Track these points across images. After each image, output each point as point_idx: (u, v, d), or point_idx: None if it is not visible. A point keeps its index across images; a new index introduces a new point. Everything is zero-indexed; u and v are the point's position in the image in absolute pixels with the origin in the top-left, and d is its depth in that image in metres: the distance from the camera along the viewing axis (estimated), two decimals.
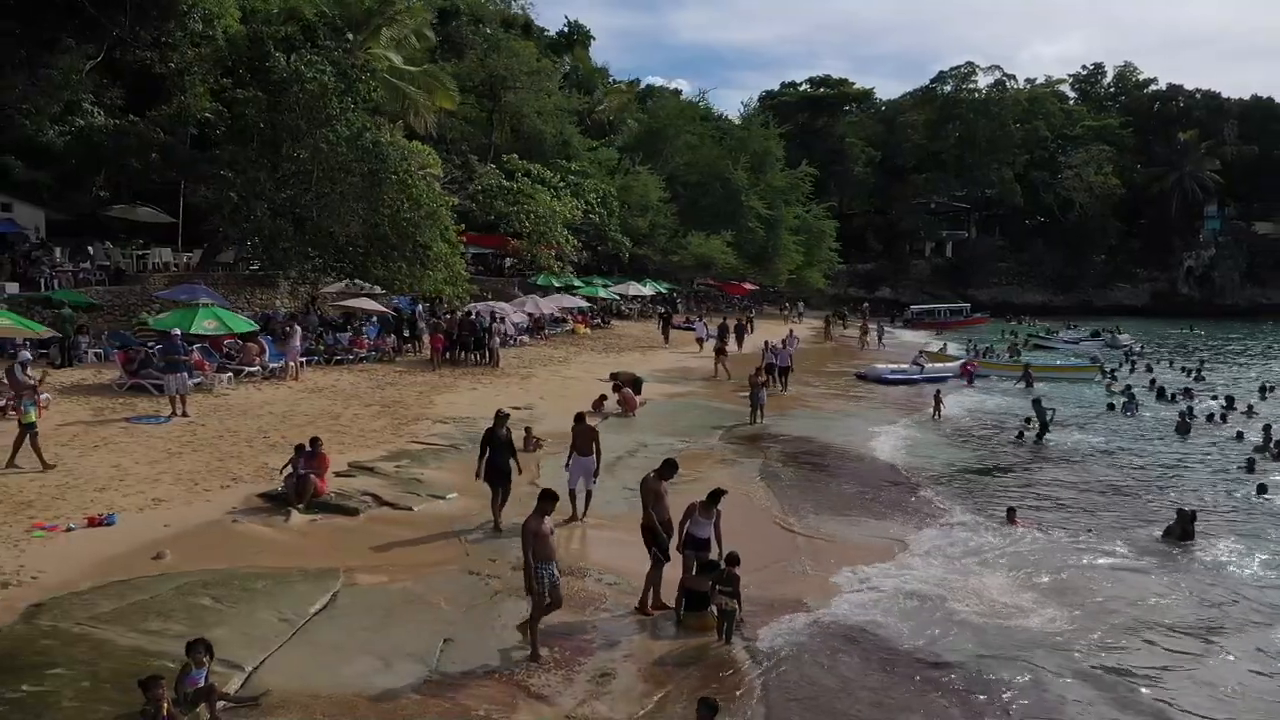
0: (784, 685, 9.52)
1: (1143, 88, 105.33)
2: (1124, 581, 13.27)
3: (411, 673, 9.05)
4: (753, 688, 9.40)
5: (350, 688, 8.61)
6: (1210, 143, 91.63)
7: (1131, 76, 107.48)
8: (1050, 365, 39.76)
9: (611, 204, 50.60)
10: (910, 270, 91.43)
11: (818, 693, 9.41)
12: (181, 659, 8.67)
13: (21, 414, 14.69)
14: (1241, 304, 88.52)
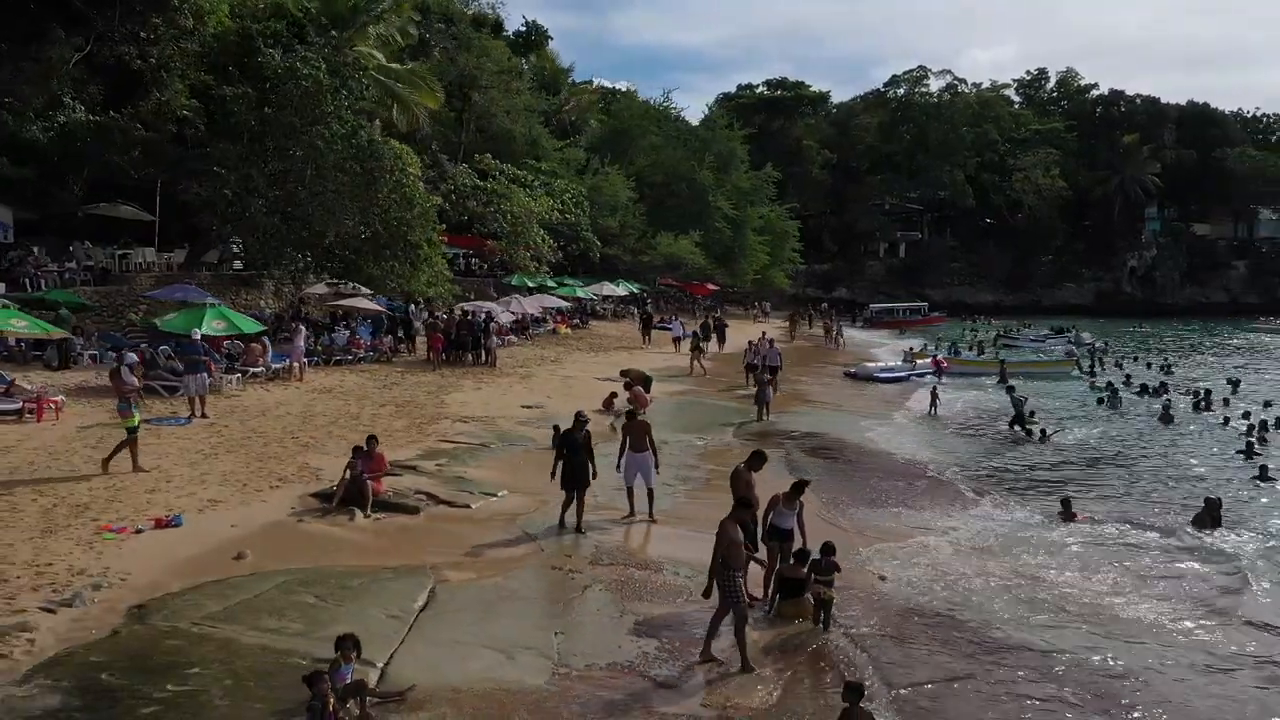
0: (894, 669, 9.73)
1: (1084, 93, 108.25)
2: (1195, 571, 13.70)
3: (537, 666, 9.09)
4: (867, 671, 9.59)
5: (485, 681, 8.63)
6: (1151, 146, 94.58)
7: (1073, 82, 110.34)
8: (1027, 362, 40.79)
9: (583, 204, 50.60)
10: (866, 270, 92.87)
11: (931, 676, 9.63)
12: (309, 655, 8.69)
13: (125, 417, 14.57)
14: (1181, 303, 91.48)
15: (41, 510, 12.55)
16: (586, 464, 13.51)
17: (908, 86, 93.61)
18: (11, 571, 10.38)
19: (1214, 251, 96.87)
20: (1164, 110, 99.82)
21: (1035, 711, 9.01)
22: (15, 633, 8.89)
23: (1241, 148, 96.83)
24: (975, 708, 9.04)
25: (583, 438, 13.65)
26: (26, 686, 7.76)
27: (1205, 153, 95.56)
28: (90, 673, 8.05)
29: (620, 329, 47.72)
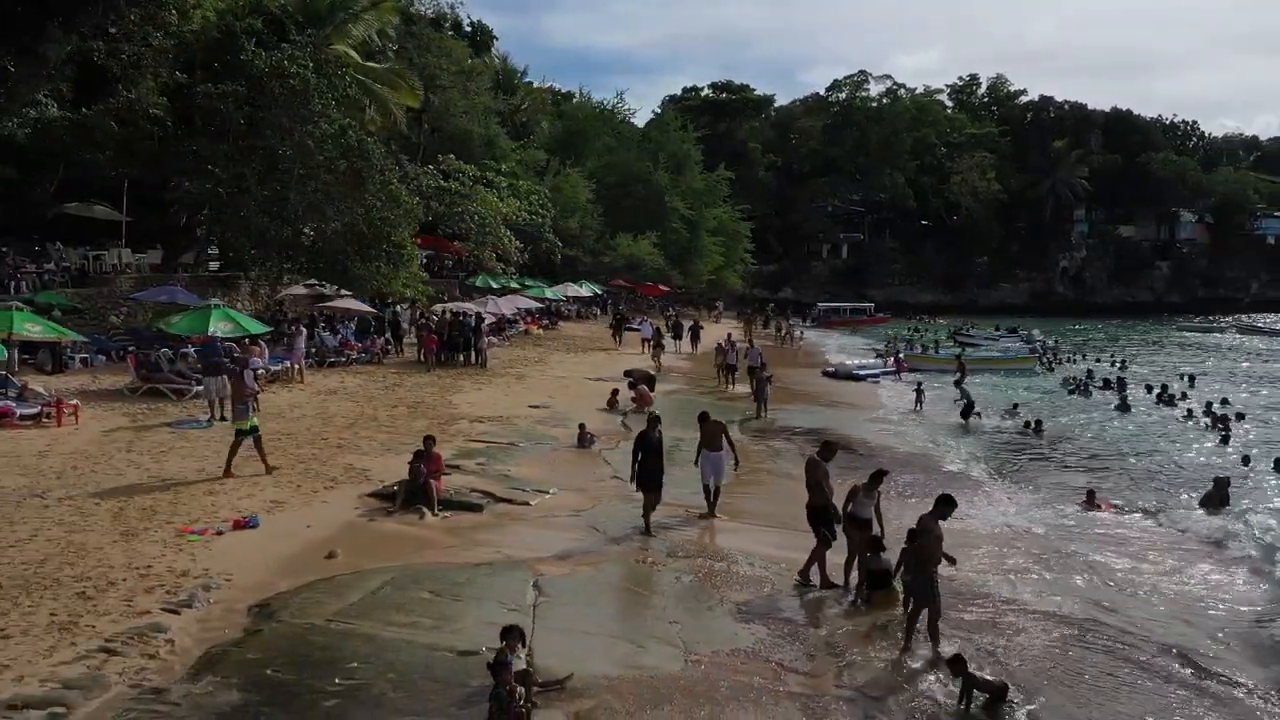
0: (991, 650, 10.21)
1: (1014, 98, 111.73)
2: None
3: (669, 654, 9.35)
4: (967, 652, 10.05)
5: (629, 668, 8.85)
6: (1079, 151, 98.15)
7: (1003, 87, 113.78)
8: (991, 358, 42.13)
9: (547, 205, 50.63)
10: (810, 271, 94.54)
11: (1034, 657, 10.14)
12: (452, 648, 8.86)
13: (240, 419, 14.66)
14: (1109, 302, 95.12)
15: (110, 514, 12.38)
16: (661, 465, 13.60)
17: (849, 91, 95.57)
18: (114, 574, 10.28)
19: (1139, 253, 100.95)
20: (1090, 116, 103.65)
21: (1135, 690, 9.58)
22: (151, 634, 8.85)
23: (1164, 153, 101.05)
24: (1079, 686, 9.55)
25: (657, 439, 13.76)
26: (201, 684, 7.77)
27: (1130, 157, 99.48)
28: (254, 669, 8.08)
29: (587, 329, 47.93)
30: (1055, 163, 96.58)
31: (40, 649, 8.35)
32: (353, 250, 30.04)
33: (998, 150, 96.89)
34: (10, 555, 10.67)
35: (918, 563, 9.86)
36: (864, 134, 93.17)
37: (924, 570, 9.78)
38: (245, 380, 15.34)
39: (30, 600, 9.43)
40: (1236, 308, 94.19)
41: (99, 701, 7.59)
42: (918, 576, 9.83)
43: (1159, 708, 9.05)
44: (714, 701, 8.35)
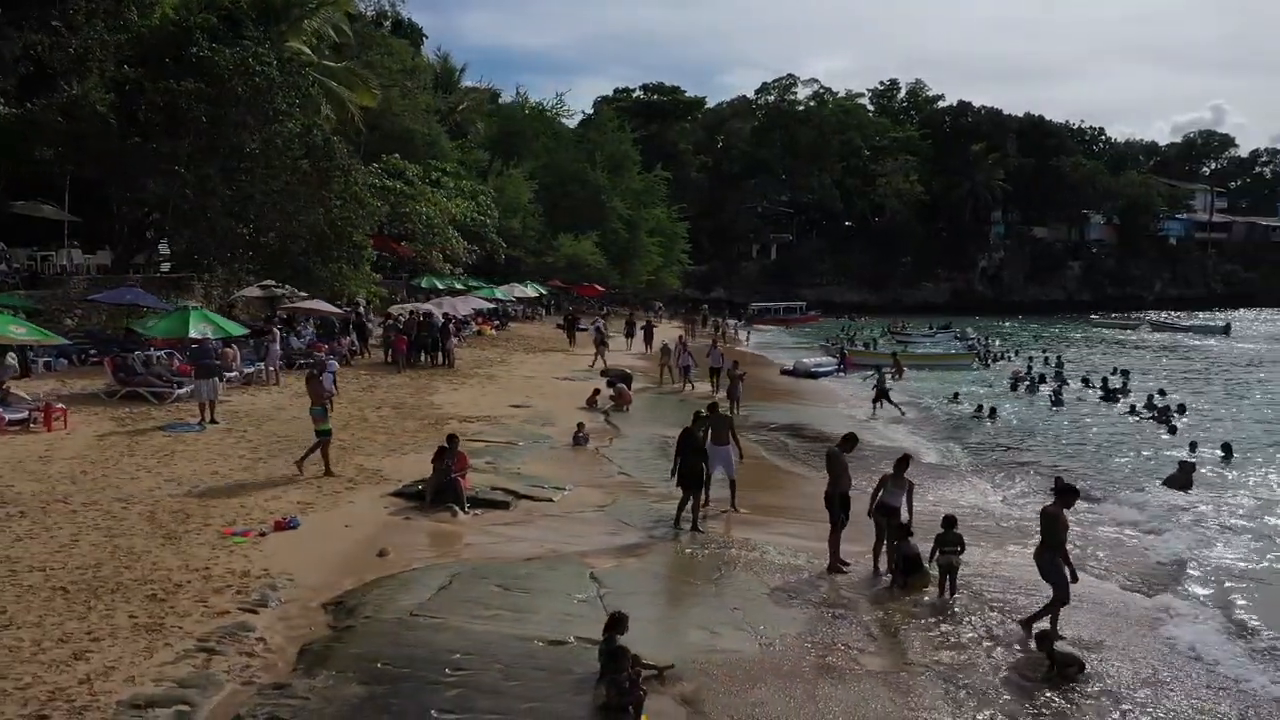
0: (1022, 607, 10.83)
1: (932, 103, 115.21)
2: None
3: (740, 637, 9.75)
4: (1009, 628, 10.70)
5: (713, 653, 9.21)
6: (996, 155, 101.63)
7: (921, 92, 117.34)
8: (932, 355, 43.56)
9: (492, 206, 50.52)
10: (741, 271, 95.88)
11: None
12: (543, 638, 9.12)
13: (319, 421, 14.97)
14: (1025, 301, 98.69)
15: (142, 518, 12.23)
16: (703, 463, 13.83)
17: (778, 94, 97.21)
18: (175, 576, 10.23)
19: (1052, 253, 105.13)
20: (1005, 121, 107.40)
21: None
22: (241, 633, 8.90)
23: (1075, 157, 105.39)
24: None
25: (701, 438, 14.02)
26: (319, 678, 7.87)
27: (1043, 161, 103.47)
28: (365, 663, 8.19)
29: (537, 330, 47.99)
30: (974, 166, 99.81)
31: (135, 650, 8.33)
32: (314, 251, 29.69)
33: (919, 154, 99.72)
34: (60, 560, 10.52)
35: (1049, 547, 10.33)
36: (792, 136, 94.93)
37: (1056, 553, 10.26)
38: (324, 384, 15.70)
39: (102, 604, 9.35)
40: (1142, 305, 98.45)
41: (218, 698, 7.65)
42: (1051, 560, 10.29)
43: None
44: (803, 680, 8.78)
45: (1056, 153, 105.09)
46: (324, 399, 15.32)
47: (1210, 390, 35.91)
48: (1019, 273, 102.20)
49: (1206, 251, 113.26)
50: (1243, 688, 9.34)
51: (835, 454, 12.89)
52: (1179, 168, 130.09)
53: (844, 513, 12.47)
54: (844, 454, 12.89)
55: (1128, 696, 8.97)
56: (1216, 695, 9.14)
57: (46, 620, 8.86)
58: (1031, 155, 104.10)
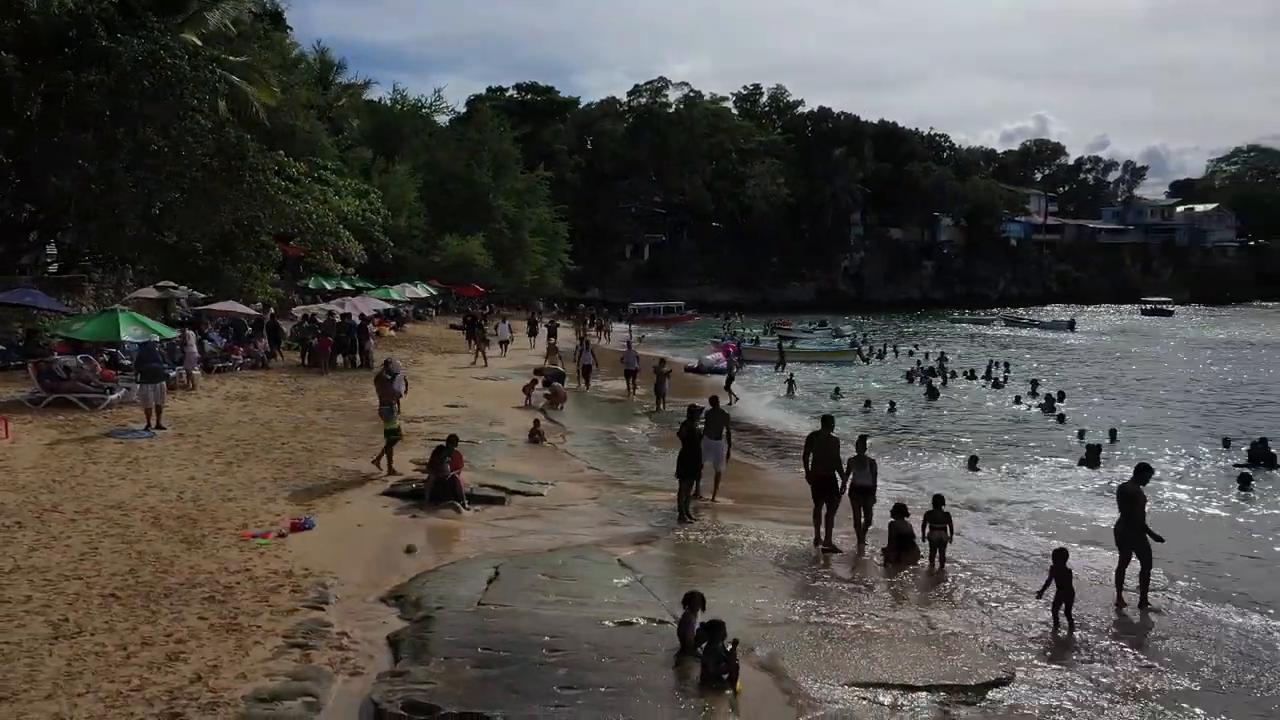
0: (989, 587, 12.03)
1: (793, 108, 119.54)
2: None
3: (785, 609, 10.49)
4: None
5: (766, 626, 9.89)
6: (855, 160, 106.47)
7: (783, 97, 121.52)
8: (816, 351, 45.56)
9: (378, 205, 49.66)
10: (615, 271, 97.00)
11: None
12: (613, 619, 9.65)
13: (387, 420, 15.44)
14: (884, 299, 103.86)
15: (148, 524, 11.98)
16: (699, 455, 14.49)
17: (649, 96, 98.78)
18: (220, 578, 10.19)
19: (907, 253, 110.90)
20: (863, 127, 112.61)
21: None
22: (320, 628, 9.03)
23: (925, 163, 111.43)
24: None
25: (699, 430, 14.64)
26: (432, 665, 8.13)
27: (897, 166, 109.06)
28: (466, 649, 8.46)
29: (432, 331, 47.55)
30: (835, 170, 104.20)
31: (227, 649, 8.37)
32: (221, 250, 28.79)
33: (784, 157, 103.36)
34: (90, 568, 10.26)
35: (1133, 522, 11.48)
36: (663, 138, 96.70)
37: (1140, 525, 11.42)
38: (394, 386, 16.18)
39: (164, 608, 9.27)
40: (988, 303, 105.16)
41: (335, 689, 7.85)
42: (1133, 533, 11.43)
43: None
44: (856, 643, 9.60)
45: (909, 158, 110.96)
46: (392, 399, 15.77)
47: (1076, 379, 39.02)
48: (878, 272, 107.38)
49: (1042, 252, 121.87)
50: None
51: (819, 438, 13.73)
52: (1015, 173, 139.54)
53: (829, 495, 13.32)
54: (829, 437, 13.75)
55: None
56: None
57: (117, 626, 8.75)
58: (887, 160, 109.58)
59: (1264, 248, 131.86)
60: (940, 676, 8.84)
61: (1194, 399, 34.36)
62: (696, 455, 14.44)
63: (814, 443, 13.69)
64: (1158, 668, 9.56)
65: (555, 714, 7.38)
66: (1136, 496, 11.62)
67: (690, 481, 14.46)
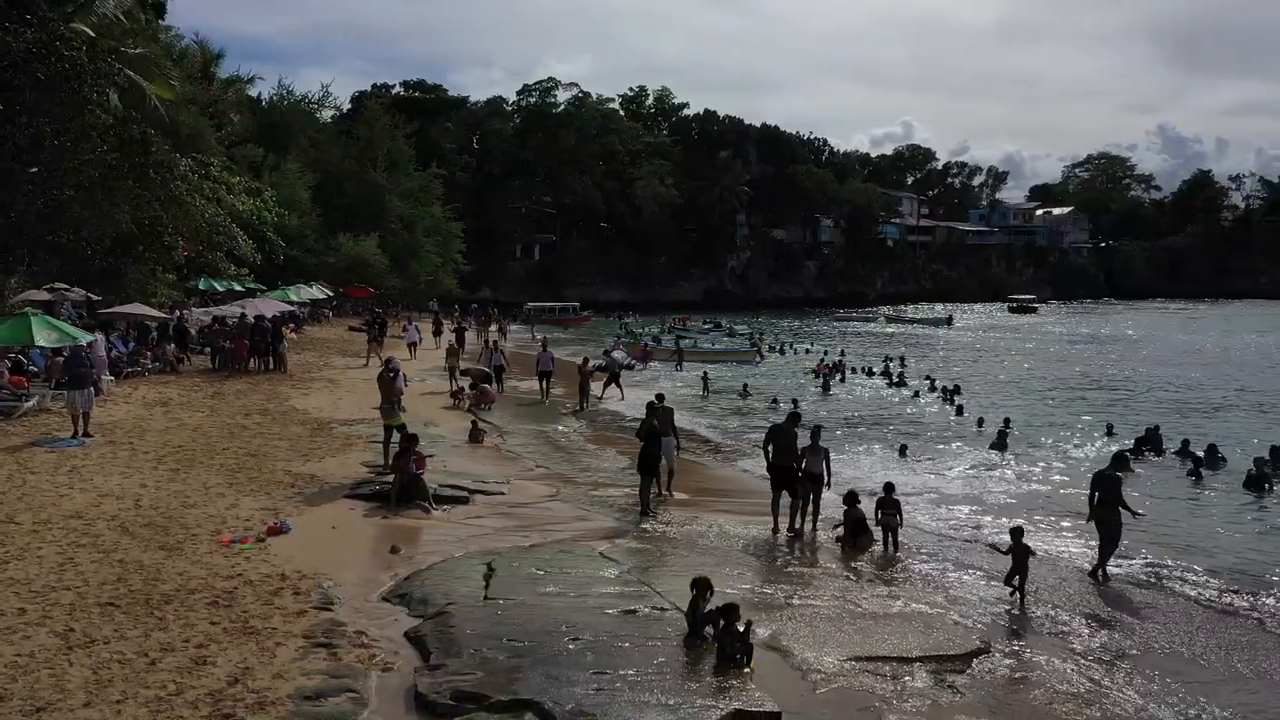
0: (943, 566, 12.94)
1: (678, 110, 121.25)
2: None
3: (769, 595, 11.04)
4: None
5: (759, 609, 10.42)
6: (740, 162, 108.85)
7: (668, 99, 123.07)
8: (718, 350, 46.65)
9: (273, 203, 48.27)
10: (506, 272, 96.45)
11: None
12: (617, 608, 10.04)
13: (389, 417, 15.90)
14: (769, 298, 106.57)
15: (118, 532, 11.71)
16: (658, 451, 14.93)
17: (538, 96, 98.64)
18: (217, 583, 10.10)
19: (791, 253, 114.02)
20: (747, 130, 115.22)
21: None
22: (336, 628, 9.11)
23: (807, 166, 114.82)
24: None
25: (656, 426, 15.05)
26: (464, 657, 8.33)
27: (780, 169, 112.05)
28: (492, 640, 8.67)
29: (331, 333, 46.56)
30: (721, 172, 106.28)
31: (252, 651, 8.37)
32: (122, 251, 27.70)
33: (671, 158, 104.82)
34: (74, 578, 10.00)
35: (1114, 504, 12.52)
36: (554, 138, 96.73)
37: (1118, 508, 12.49)
38: (397, 384, 16.52)
39: (169, 614, 9.16)
40: (866, 301, 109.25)
41: (373, 684, 7.98)
42: (1111, 514, 12.48)
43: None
44: (845, 621, 10.24)
45: (791, 161, 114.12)
46: (393, 398, 16.10)
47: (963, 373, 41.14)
48: (763, 272, 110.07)
49: (916, 253, 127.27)
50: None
51: (778, 430, 14.41)
52: (888, 177, 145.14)
53: (789, 484, 14.02)
54: (789, 430, 14.44)
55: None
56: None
57: (128, 634, 8.63)
58: (770, 163, 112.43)
59: (1112, 249, 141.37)
60: (929, 649, 9.54)
61: (1074, 389, 36.75)
62: (657, 452, 14.86)
63: (775, 435, 14.35)
64: (1116, 633, 10.54)
65: (596, 697, 7.70)
66: (1111, 481, 12.71)
67: (650, 478, 14.87)
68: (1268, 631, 10.99)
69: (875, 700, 8.31)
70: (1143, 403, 32.61)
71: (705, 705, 7.73)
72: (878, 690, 8.52)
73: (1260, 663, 9.97)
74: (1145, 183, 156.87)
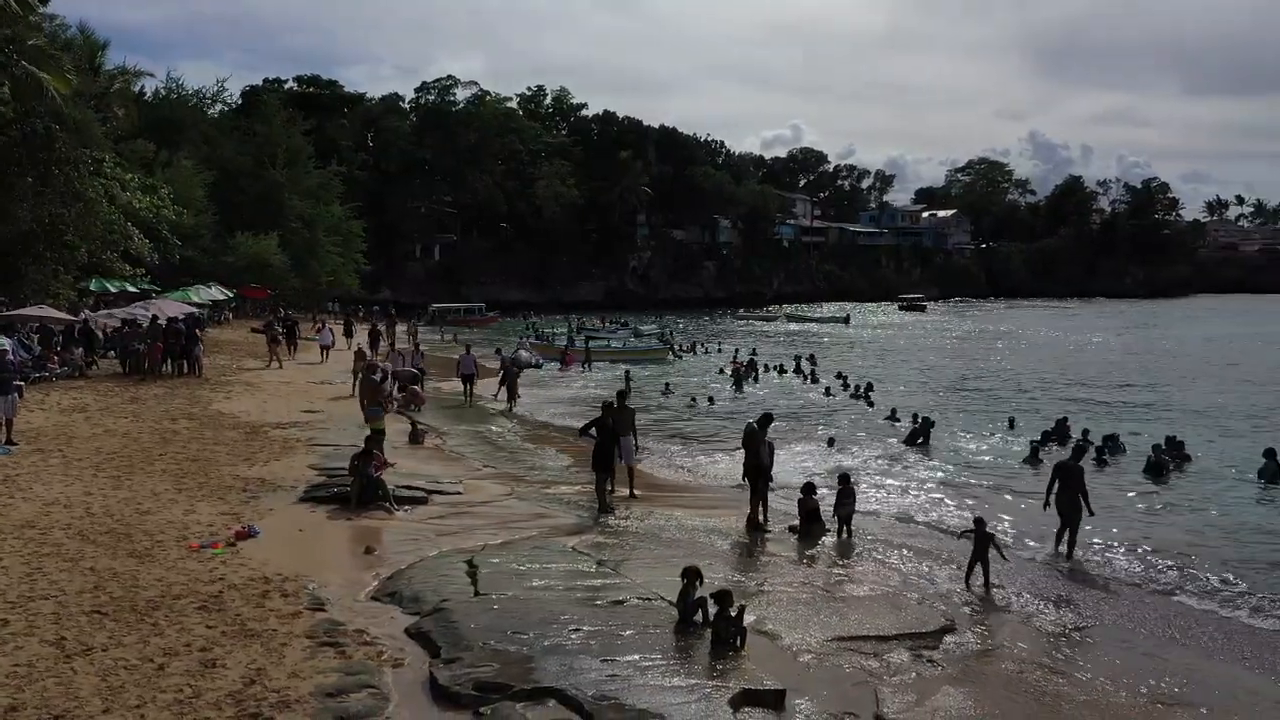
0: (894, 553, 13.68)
1: (577, 110, 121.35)
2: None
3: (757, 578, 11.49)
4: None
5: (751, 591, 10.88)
6: (640, 162, 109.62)
7: (566, 99, 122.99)
8: (631, 350, 47.13)
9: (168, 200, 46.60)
10: (406, 272, 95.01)
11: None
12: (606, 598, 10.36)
13: (374, 420, 15.94)
14: (670, 297, 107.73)
15: (79, 540, 11.42)
16: (613, 448, 15.19)
17: (437, 94, 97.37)
18: (201, 588, 10.00)
19: (690, 254, 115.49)
20: (646, 131, 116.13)
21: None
22: (335, 627, 9.16)
23: (705, 167, 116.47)
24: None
25: (611, 424, 15.34)
26: (478, 649, 8.51)
27: (679, 170, 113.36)
28: (497, 633, 8.85)
29: (234, 335, 45.18)
30: (622, 172, 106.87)
31: (258, 653, 8.37)
32: (21, 251, 26.49)
33: (572, 159, 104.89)
34: (47, 588, 9.75)
35: (1077, 492, 13.47)
36: (453, 137, 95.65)
37: (1076, 496, 13.49)
38: (385, 389, 16.75)
39: (161, 620, 9.05)
40: (763, 300, 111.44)
41: (389, 680, 8.09)
42: (1073, 501, 13.46)
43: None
44: (819, 605, 10.78)
45: (690, 162, 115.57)
46: (380, 400, 16.17)
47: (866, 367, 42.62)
48: (664, 272, 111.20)
49: (810, 253, 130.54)
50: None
51: (752, 431, 14.92)
52: (782, 179, 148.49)
53: (763, 482, 14.55)
54: (763, 431, 14.95)
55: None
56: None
57: (125, 640, 8.52)
58: (669, 164, 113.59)
59: (992, 250, 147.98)
60: (901, 628, 10.15)
61: (971, 383, 38.57)
62: (611, 449, 15.17)
63: (748, 434, 14.88)
64: (1066, 610, 11.37)
65: (611, 683, 7.99)
66: (1074, 471, 13.71)
67: (605, 475, 15.16)
68: (1192, 606, 12.02)
69: (866, 676, 8.84)
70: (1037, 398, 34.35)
71: (715, 686, 8.11)
72: (866, 666, 9.06)
73: (1191, 631, 10.94)
74: (1022, 187, 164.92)
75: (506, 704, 7.62)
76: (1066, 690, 8.86)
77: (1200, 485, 19.16)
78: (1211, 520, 16.40)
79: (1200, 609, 11.83)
